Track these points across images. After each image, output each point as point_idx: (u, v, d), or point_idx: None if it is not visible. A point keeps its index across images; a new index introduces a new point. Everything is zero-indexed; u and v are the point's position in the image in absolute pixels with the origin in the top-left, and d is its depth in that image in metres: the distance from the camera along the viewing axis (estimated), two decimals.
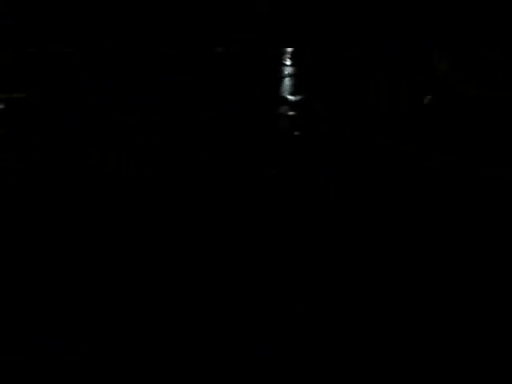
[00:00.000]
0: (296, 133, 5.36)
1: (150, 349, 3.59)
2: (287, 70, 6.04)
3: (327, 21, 5.33)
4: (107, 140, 5.13)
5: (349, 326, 3.79)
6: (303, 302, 3.97)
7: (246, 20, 5.43)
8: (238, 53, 5.60)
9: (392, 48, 5.36)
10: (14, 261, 4.22)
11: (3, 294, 3.96)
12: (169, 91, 5.46)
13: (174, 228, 4.55)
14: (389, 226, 4.61)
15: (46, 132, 5.13)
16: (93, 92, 5.31)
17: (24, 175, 4.80)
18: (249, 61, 5.64)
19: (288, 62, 6.02)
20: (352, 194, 4.84)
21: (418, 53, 5.25)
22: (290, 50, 5.93)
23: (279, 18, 5.41)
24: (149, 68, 5.55)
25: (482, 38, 5.07)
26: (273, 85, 5.77)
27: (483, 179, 4.78)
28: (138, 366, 3.51)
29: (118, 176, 4.93)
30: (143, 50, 5.45)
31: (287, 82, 5.83)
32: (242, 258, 4.32)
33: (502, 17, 5.04)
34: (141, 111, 5.32)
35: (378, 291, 4.03)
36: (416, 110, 5.28)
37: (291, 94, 5.70)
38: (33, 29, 5.34)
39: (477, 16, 5.09)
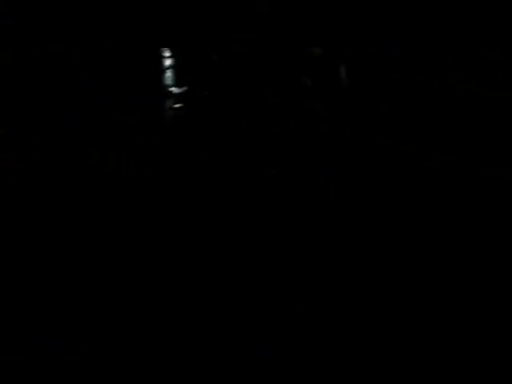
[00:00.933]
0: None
1: (149, 349, 3.59)
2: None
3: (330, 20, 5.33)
4: (107, 140, 5.13)
5: (349, 326, 3.79)
6: (303, 302, 3.97)
7: (246, 20, 5.43)
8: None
9: (392, 47, 5.37)
10: (14, 261, 4.21)
11: (3, 294, 3.96)
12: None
13: (173, 228, 4.55)
14: (388, 225, 4.60)
15: (45, 132, 5.13)
16: (93, 92, 5.31)
17: (24, 175, 4.80)
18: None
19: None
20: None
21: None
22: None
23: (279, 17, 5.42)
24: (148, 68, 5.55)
25: (482, 38, 5.07)
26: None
27: (483, 179, 4.78)
28: (138, 366, 3.51)
29: (118, 176, 4.93)
30: (143, 50, 5.45)
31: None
32: (242, 257, 4.32)
33: (502, 17, 5.05)
34: (140, 111, 5.33)
35: (379, 291, 4.03)
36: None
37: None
38: (33, 29, 5.34)
39: (476, 16, 5.09)
